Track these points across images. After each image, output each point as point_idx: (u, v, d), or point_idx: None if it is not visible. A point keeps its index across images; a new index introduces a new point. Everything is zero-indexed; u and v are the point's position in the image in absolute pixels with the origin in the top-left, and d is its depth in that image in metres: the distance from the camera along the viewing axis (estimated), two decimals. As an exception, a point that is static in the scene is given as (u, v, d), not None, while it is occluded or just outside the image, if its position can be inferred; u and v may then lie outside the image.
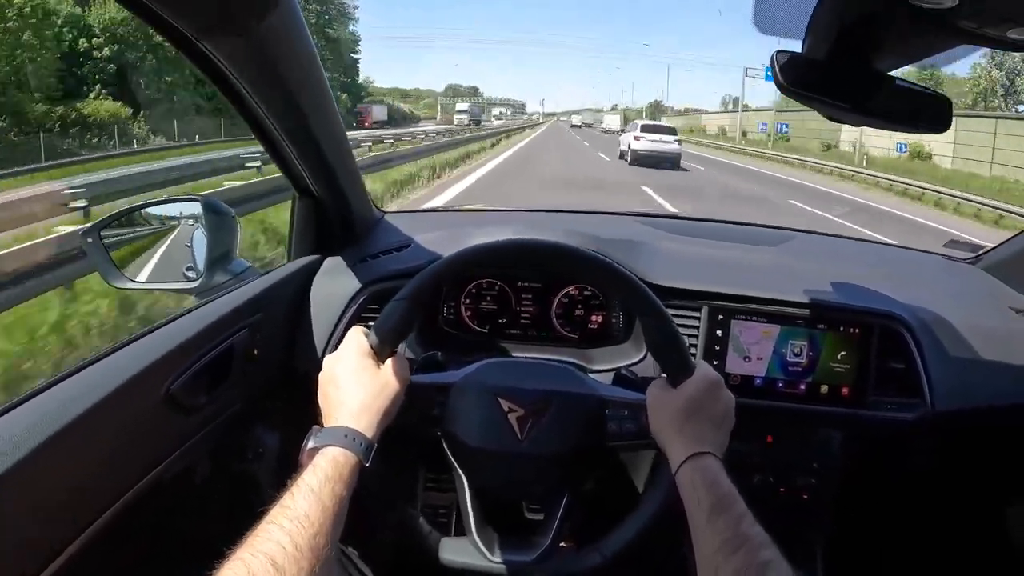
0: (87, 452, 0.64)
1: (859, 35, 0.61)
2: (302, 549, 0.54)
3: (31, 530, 0.59)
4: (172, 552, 0.85)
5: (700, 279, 1.07)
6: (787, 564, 0.56)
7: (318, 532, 0.56)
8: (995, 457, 1.19)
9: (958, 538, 1.28)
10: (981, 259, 1.39)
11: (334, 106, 0.96)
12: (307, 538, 0.55)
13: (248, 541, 0.54)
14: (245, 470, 0.99)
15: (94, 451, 0.65)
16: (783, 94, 0.64)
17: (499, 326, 1.17)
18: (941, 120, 0.67)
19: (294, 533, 0.55)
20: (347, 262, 1.12)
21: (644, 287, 0.78)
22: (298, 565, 0.53)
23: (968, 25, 0.52)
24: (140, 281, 1.08)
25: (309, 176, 1.02)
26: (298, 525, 0.56)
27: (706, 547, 0.61)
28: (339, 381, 0.72)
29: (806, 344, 1.03)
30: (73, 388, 0.66)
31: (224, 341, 0.86)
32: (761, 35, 0.66)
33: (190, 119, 21.38)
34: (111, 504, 0.67)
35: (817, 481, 1.11)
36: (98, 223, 1.06)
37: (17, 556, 0.57)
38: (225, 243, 1.07)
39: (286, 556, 0.53)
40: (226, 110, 6.33)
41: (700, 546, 0.62)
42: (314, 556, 0.55)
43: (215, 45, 0.71)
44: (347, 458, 0.64)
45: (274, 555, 0.52)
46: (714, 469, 0.67)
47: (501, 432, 0.78)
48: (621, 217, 1.61)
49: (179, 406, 0.77)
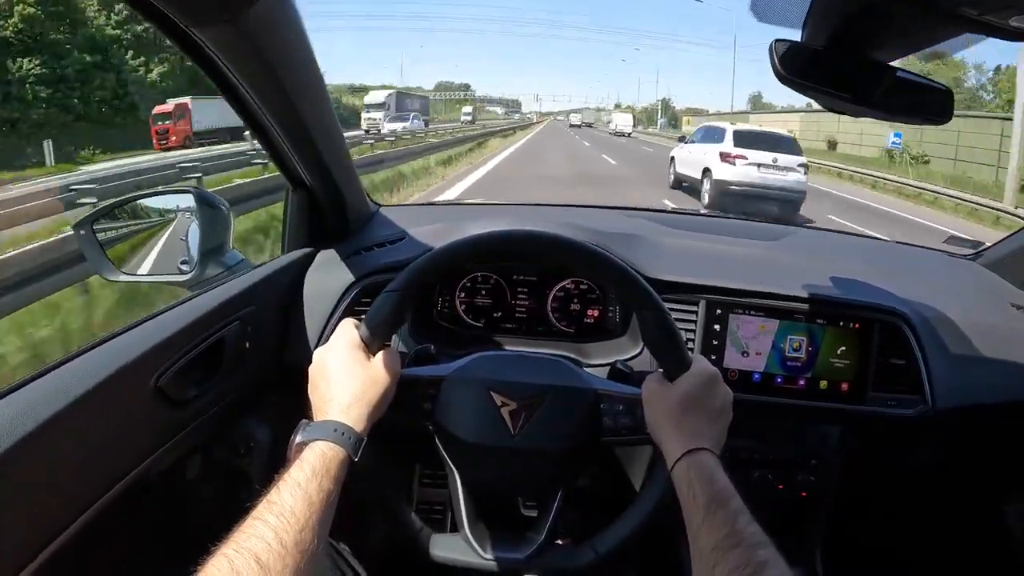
0: (73, 444, 0.63)
1: (859, 23, 0.60)
2: (287, 545, 0.53)
3: (16, 523, 0.58)
4: (160, 545, 0.84)
5: (698, 273, 1.06)
6: (784, 562, 0.55)
7: (304, 527, 0.55)
8: (995, 455, 1.19)
9: (957, 535, 1.28)
10: (982, 255, 1.38)
11: (328, 97, 0.94)
12: (292, 534, 0.54)
13: (233, 537, 0.53)
14: (235, 464, 0.99)
15: (80, 444, 0.64)
16: (782, 84, 0.62)
17: (494, 320, 1.17)
18: (942, 111, 0.66)
19: (279, 529, 0.54)
20: (341, 255, 1.11)
21: (641, 280, 0.77)
22: (283, 562, 0.52)
23: (969, 12, 0.51)
24: (132, 273, 1.07)
25: (303, 168, 1.01)
26: (284, 521, 0.55)
27: (702, 544, 0.60)
28: (329, 374, 0.71)
29: (805, 339, 1.03)
30: (59, 379, 0.65)
31: (214, 334, 0.86)
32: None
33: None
34: (98, 497, 0.66)
35: (816, 478, 1.11)
36: (90, 215, 1.05)
37: (4, 547, 0.56)
38: (218, 235, 1.07)
39: (271, 552, 0.52)
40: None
41: (696, 543, 0.61)
42: (300, 552, 0.54)
43: (206, 34, 0.70)
44: (335, 452, 0.63)
45: (258, 552, 0.52)
46: (711, 465, 0.66)
47: (493, 426, 0.77)
48: (618, 211, 1.60)
49: (168, 399, 0.76)
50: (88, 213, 1.06)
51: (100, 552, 0.70)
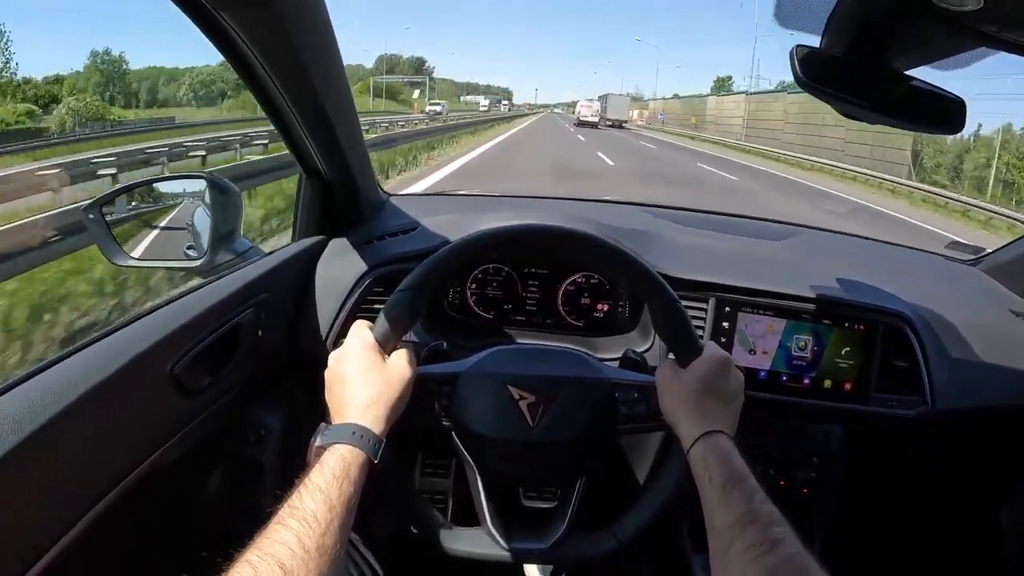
0: (90, 431, 0.63)
1: (878, 33, 0.61)
2: (310, 550, 0.53)
3: (33, 510, 0.58)
4: (174, 533, 0.85)
5: (708, 271, 1.07)
6: (798, 540, 0.56)
7: (326, 532, 0.56)
8: (992, 456, 1.21)
9: (955, 534, 1.30)
10: (982, 261, 1.40)
11: (347, 84, 0.94)
12: (315, 538, 0.54)
13: (256, 543, 0.53)
14: (247, 452, 0.99)
15: (97, 431, 0.64)
16: (801, 88, 0.63)
17: (504, 312, 1.17)
18: (956, 122, 0.67)
19: (302, 534, 0.54)
20: (353, 244, 1.11)
21: (651, 269, 0.77)
22: (306, 567, 0.52)
23: (989, 28, 0.52)
24: (141, 259, 1.07)
25: (319, 156, 1.01)
26: (306, 526, 0.55)
27: (719, 522, 0.61)
28: (345, 378, 0.71)
29: (811, 339, 1.04)
30: (76, 367, 0.65)
31: (229, 321, 0.86)
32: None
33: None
34: (115, 484, 0.67)
35: (817, 475, 1.12)
36: (99, 198, 1.04)
37: (20, 536, 0.56)
38: (230, 222, 1.06)
39: (294, 558, 0.52)
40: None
41: (712, 522, 0.62)
42: (322, 556, 0.54)
43: (233, 16, 0.69)
44: (355, 456, 0.64)
45: (282, 557, 0.52)
46: (727, 447, 0.67)
47: (512, 420, 0.77)
48: (627, 206, 1.60)
49: (182, 387, 0.76)
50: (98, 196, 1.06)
51: (116, 540, 0.70)
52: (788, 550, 0.54)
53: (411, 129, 20.70)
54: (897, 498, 1.26)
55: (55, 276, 3.61)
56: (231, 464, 0.97)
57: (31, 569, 0.56)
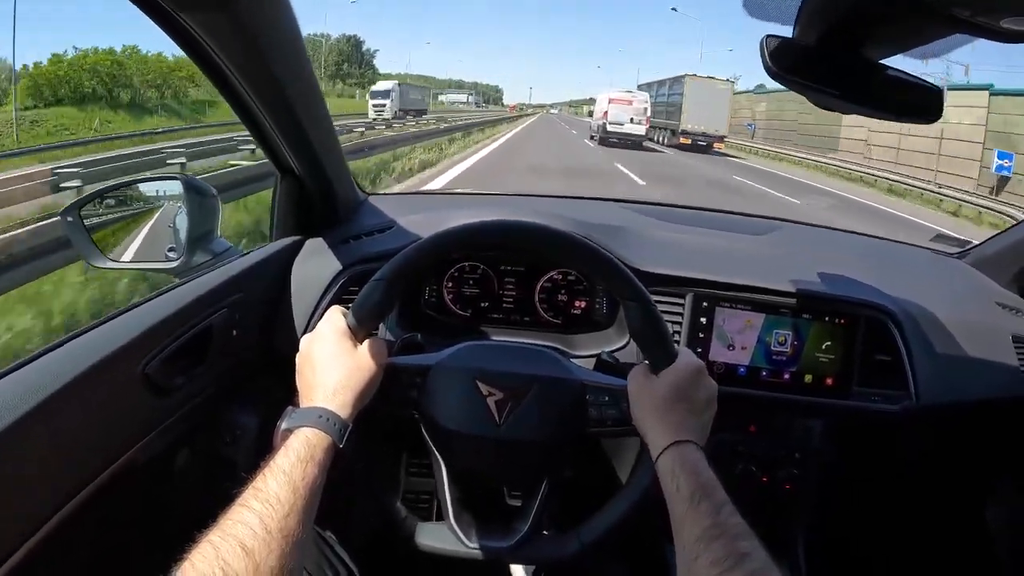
0: (60, 431, 0.63)
1: (851, 21, 0.60)
2: (272, 531, 0.53)
3: (2, 509, 0.58)
4: (146, 533, 0.84)
5: (685, 266, 1.06)
6: (766, 554, 0.56)
7: (289, 513, 0.56)
8: (977, 450, 1.20)
9: (938, 529, 1.30)
10: (967, 254, 1.40)
11: (317, 84, 0.94)
12: (277, 520, 0.54)
13: (218, 524, 0.54)
14: (222, 452, 0.98)
15: (67, 431, 0.64)
16: (772, 79, 0.63)
17: (481, 310, 1.17)
18: (931, 110, 0.66)
19: (264, 515, 0.54)
20: (329, 243, 1.10)
21: (627, 271, 0.76)
22: (268, 547, 0.52)
23: (961, 13, 0.52)
24: (120, 261, 1.06)
25: (292, 156, 1.00)
26: (268, 507, 0.55)
27: (685, 535, 0.60)
28: (315, 361, 0.71)
29: (791, 333, 1.03)
30: (46, 367, 0.65)
31: (202, 321, 0.85)
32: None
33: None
34: (85, 485, 0.66)
35: (800, 471, 1.12)
36: (77, 201, 1.03)
37: None
38: (207, 223, 1.06)
39: (256, 538, 0.52)
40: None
41: (679, 535, 0.61)
42: (284, 538, 0.54)
43: (194, 19, 0.69)
44: (320, 439, 0.64)
45: (243, 538, 0.52)
46: (695, 457, 0.67)
47: (478, 416, 0.77)
48: (605, 203, 1.59)
49: (155, 386, 0.76)
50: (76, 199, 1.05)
51: (86, 540, 0.70)
52: (753, 565, 0.54)
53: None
54: (883, 494, 1.25)
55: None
56: (206, 463, 0.96)
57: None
